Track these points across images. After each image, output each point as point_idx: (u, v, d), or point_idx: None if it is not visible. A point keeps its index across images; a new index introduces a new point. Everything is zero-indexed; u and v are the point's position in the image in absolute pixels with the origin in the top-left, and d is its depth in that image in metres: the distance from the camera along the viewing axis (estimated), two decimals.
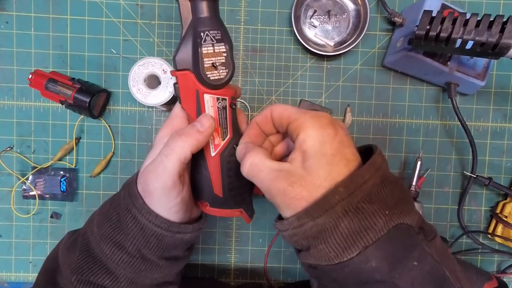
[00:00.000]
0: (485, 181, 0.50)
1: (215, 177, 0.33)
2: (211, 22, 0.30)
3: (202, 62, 0.30)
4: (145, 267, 0.33)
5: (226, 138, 0.32)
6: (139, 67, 0.44)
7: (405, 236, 0.26)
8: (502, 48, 0.37)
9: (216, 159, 0.32)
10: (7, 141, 0.51)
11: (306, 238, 0.27)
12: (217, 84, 0.31)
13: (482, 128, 0.53)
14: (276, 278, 0.54)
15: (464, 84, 0.48)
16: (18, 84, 0.51)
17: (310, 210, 0.26)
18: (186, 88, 0.31)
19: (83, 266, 0.32)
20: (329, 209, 0.25)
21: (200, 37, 0.30)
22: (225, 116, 0.32)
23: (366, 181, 0.26)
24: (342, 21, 0.50)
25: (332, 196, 0.25)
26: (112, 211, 0.33)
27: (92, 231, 0.33)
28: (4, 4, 0.50)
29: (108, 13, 0.50)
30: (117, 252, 0.32)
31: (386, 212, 0.25)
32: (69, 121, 0.51)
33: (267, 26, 0.51)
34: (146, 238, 0.32)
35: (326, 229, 0.26)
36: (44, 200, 0.52)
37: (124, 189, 0.34)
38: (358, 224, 0.25)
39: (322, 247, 0.26)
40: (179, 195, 0.31)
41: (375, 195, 0.26)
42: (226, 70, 0.31)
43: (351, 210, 0.25)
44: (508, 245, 0.52)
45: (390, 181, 0.28)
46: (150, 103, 0.44)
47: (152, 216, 0.31)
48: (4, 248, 0.52)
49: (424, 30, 0.39)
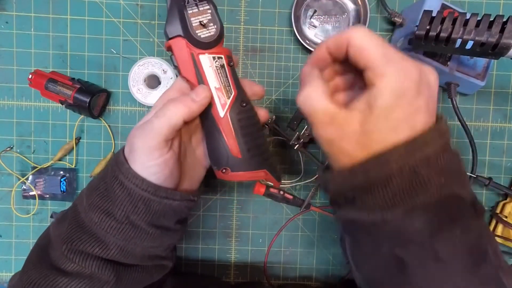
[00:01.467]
0: (485, 181, 0.50)
1: (230, 137, 0.33)
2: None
3: (190, 22, 0.31)
4: (135, 234, 0.32)
5: (231, 96, 0.33)
6: (139, 67, 0.44)
7: (454, 207, 0.25)
8: (502, 48, 0.37)
9: (226, 119, 0.32)
10: (7, 141, 0.51)
11: (353, 189, 0.26)
12: (209, 42, 0.32)
13: (482, 128, 0.53)
14: (276, 278, 0.54)
15: (464, 84, 0.48)
16: (18, 84, 0.51)
17: (365, 164, 0.25)
18: (181, 54, 0.32)
19: (73, 236, 0.32)
20: (385, 165, 0.24)
21: (183, 1, 0.31)
22: (225, 75, 0.33)
23: (428, 144, 0.25)
24: (342, 21, 0.50)
25: (390, 153, 0.24)
26: (100, 181, 0.34)
27: (81, 203, 0.34)
28: (4, 4, 0.50)
29: (108, 13, 0.50)
30: (105, 219, 0.32)
31: (442, 179, 0.25)
32: (69, 121, 0.51)
33: (267, 26, 0.51)
34: (133, 203, 0.31)
35: (376, 184, 0.25)
36: (44, 200, 0.52)
37: (112, 160, 0.34)
38: (409, 184, 0.24)
39: (369, 200, 0.25)
40: (161, 157, 0.31)
41: (434, 161, 0.25)
42: (214, 26, 0.32)
43: (406, 170, 0.24)
44: (508, 245, 0.52)
45: (451, 151, 0.26)
46: (150, 103, 0.44)
47: (138, 180, 0.31)
48: (4, 248, 0.52)
49: (424, 30, 0.39)
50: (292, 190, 0.53)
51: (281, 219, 0.53)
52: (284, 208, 0.53)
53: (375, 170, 0.25)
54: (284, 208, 0.53)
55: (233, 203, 0.53)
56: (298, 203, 0.51)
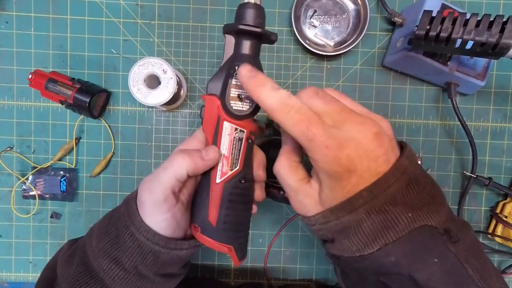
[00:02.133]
0: (485, 181, 0.50)
1: (213, 205, 0.33)
2: (248, 59, 0.32)
3: (229, 91, 0.32)
4: (141, 284, 0.33)
5: (234, 169, 0.33)
6: (139, 67, 0.44)
7: (427, 237, 0.26)
8: (502, 48, 0.37)
9: (219, 187, 0.33)
10: (7, 141, 0.51)
11: (331, 232, 0.28)
12: (238, 115, 0.32)
13: (482, 128, 0.53)
14: (276, 278, 0.54)
15: (464, 84, 0.48)
16: (18, 84, 0.51)
17: (335, 210, 0.27)
18: (209, 112, 0.33)
19: (80, 280, 0.32)
20: (353, 211, 0.26)
21: (234, 69, 0.31)
22: (239, 148, 0.33)
23: (390, 185, 0.26)
24: (342, 21, 0.50)
25: (356, 200, 0.26)
26: (111, 226, 0.34)
27: (91, 245, 0.34)
28: (4, 4, 0.50)
29: (108, 13, 0.50)
30: (114, 267, 0.32)
31: (409, 214, 0.26)
32: (69, 121, 0.51)
33: (267, 26, 0.51)
34: (143, 255, 0.32)
35: (350, 227, 0.27)
36: (44, 200, 0.52)
37: (124, 205, 0.34)
38: (380, 223, 0.26)
39: (345, 241, 0.28)
40: (169, 211, 0.32)
41: (400, 197, 0.26)
42: (250, 104, 0.32)
43: (373, 212, 0.26)
44: (508, 245, 0.52)
45: (417, 183, 0.28)
46: (150, 103, 0.44)
47: (150, 234, 0.31)
48: (4, 248, 0.52)
49: (424, 30, 0.39)
50: None
51: (281, 219, 0.53)
52: (284, 208, 0.53)
53: (345, 216, 0.27)
54: (284, 208, 0.53)
55: None
56: None
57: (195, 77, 0.51)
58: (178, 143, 0.52)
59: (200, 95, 0.52)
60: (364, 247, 0.27)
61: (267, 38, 0.32)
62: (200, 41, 0.51)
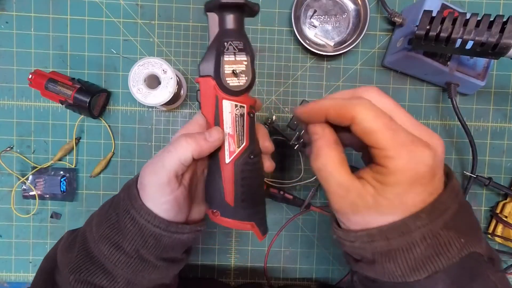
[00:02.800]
0: (485, 181, 0.50)
1: (228, 184, 0.33)
2: (235, 33, 0.31)
3: (223, 69, 0.31)
4: (143, 268, 0.33)
5: (241, 145, 0.33)
6: (139, 67, 0.44)
7: (475, 265, 0.25)
8: (502, 48, 0.37)
9: (230, 166, 0.33)
10: (7, 141, 0.51)
11: (372, 253, 0.26)
12: (236, 91, 0.32)
13: (482, 128, 0.53)
14: (276, 278, 0.54)
15: (464, 84, 0.48)
16: (18, 84, 0.51)
17: (385, 230, 0.25)
18: (206, 94, 0.32)
19: (81, 266, 0.32)
20: (407, 233, 0.24)
21: (224, 46, 0.31)
22: (242, 124, 0.33)
23: (448, 208, 0.25)
24: (342, 21, 0.50)
25: (412, 222, 0.24)
26: (112, 212, 0.34)
27: (91, 231, 0.34)
28: (4, 4, 0.50)
29: (108, 13, 0.50)
30: (115, 252, 0.32)
31: (462, 240, 0.25)
32: (69, 121, 0.51)
33: (267, 26, 0.51)
34: (144, 238, 0.32)
35: (398, 250, 0.25)
36: (44, 200, 0.52)
37: (124, 190, 0.34)
38: (432, 249, 0.24)
39: (389, 265, 0.25)
40: (172, 193, 0.31)
41: (453, 222, 0.25)
42: (246, 78, 0.32)
43: (429, 236, 0.24)
44: (508, 245, 0.52)
45: (465, 207, 0.27)
46: (150, 103, 0.44)
47: (150, 217, 0.31)
48: (4, 248, 0.52)
49: (424, 30, 0.39)
50: (292, 190, 0.53)
51: (281, 219, 0.53)
52: (284, 208, 0.53)
53: (396, 238, 0.24)
54: (284, 208, 0.53)
55: None
56: (298, 203, 0.51)
57: (195, 77, 0.51)
58: None
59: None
60: (411, 273, 0.25)
61: (250, 9, 0.32)
62: (200, 41, 0.51)
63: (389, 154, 0.24)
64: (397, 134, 0.24)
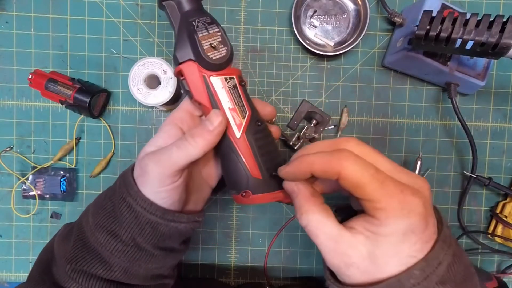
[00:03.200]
0: (485, 181, 0.50)
1: (249, 158, 0.32)
2: (197, 11, 0.32)
3: (201, 46, 0.31)
4: (140, 256, 0.32)
5: (246, 115, 0.32)
6: (139, 67, 0.44)
7: None
8: (502, 48, 0.37)
9: (243, 140, 0.32)
10: (7, 141, 0.51)
11: None
12: (221, 64, 0.32)
13: (482, 128, 0.53)
14: (276, 278, 0.54)
15: (464, 84, 0.48)
16: (18, 84, 0.51)
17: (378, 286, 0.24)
18: (193, 78, 0.32)
19: (77, 255, 0.32)
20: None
21: (192, 25, 0.31)
22: (238, 94, 0.32)
23: (441, 262, 0.24)
24: (342, 21, 0.50)
25: (406, 280, 0.24)
26: (107, 201, 0.33)
27: (87, 221, 0.33)
28: (4, 4, 0.50)
29: (108, 13, 0.50)
30: (111, 240, 0.32)
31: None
32: (69, 121, 0.51)
33: (267, 26, 0.51)
34: (140, 226, 0.31)
35: None
36: (44, 200, 0.52)
37: (120, 179, 0.34)
38: None
39: None
40: (171, 184, 0.31)
41: (447, 274, 0.25)
42: (225, 48, 0.32)
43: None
44: (508, 245, 0.52)
45: (459, 256, 0.26)
46: (150, 103, 0.44)
47: (147, 204, 0.31)
48: (4, 248, 0.52)
49: (424, 30, 0.39)
50: None
51: (281, 219, 0.53)
52: (284, 208, 0.53)
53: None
54: (284, 208, 0.53)
55: (233, 203, 0.53)
56: None
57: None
58: None
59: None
60: None
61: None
62: None
63: (380, 206, 0.24)
64: (385, 185, 0.24)
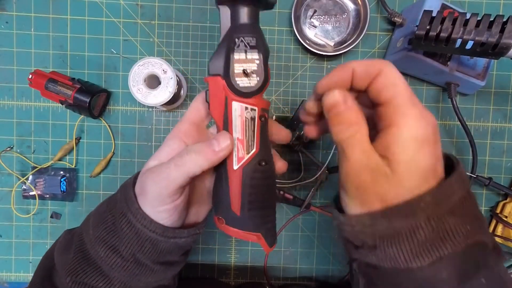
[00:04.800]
0: (485, 181, 0.50)
1: (234, 192, 0.31)
2: (247, 28, 0.29)
3: (233, 68, 0.29)
4: (140, 271, 0.33)
5: (251, 152, 0.31)
6: (139, 67, 0.44)
7: (480, 254, 0.25)
8: (502, 48, 0.37)
9: (238, 173, 0.31)
10: (7, 141, 0.51)
11: (373, 237, 0.25)
12: (246, 92, 0.30)
13: (482, 128, 0.53)
14: (276, 278, 0.54)
15: (464, 84, 0.48)
16: (18, 84, 0.51)
17: (388, 212, 0.24)
18: (215, 94, 0.30)
19: (77, 268, 0.32)
20: (411, 215, 0.24)
21: (234, 43, 0.29)
22: (252, 128, 0.30)
23: (455, 192, 0.25)
24: (342, 21, 0.50)
25: (417, 203, 0.24)
26: (108, 214, 0.33)
27: (88, 232, 0.33)
28: (4, 4, 0.50)
29: (108, 13, 0.50)
30: (111, 255, 0.32)
31: (468, 227, 0.24)
32: (69, 121, 0.51)
33: (267, 26, 0.51)
34: (140, 242, 0.31)
35: (401, 234, 0.24)
36: (44, 200, 0.52)
37: (121, 191, 0.34)
38: (437, 234, 0.24)
39: (391, 250, 0.25)
40: (172, 203, 0.31)
41: (460, 209, 0.25)
42: (257, 78, 0.30)
43: (434, 219, 0.24)
44: (508, 245, 0.52)
45: (472, 197, 0.26)
46: (150, 103, 0.44)
47: (147, 221, 0.31)
48: (4, 248, 0.52)
49: (424, 30, 0.39)
50: (292, 190, 0.53)
51: (281, 219, 0.53)
52: (284, 208, 0.53)
53: (399, 220, 0.24)
54: (284, 208, 0.53)
55: None
56: (298, 203, 0.51)
57: (195, 77, 0.51)
58: None
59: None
60: (414, 258, 0.24)
61: (265, 1, 0.29)
62: (200, 41, 0.51)
63: (404, 110, 0.25)
64: (413, 95, 0.26)
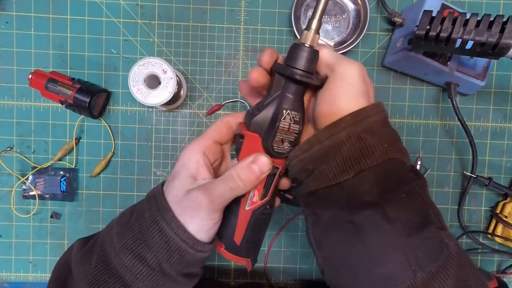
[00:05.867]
0: (485, 181, 0.50)
1: (240, 228, 0.35)
2: (295, 103, 0.32)
3: (275, 135, 0.32)
4: (163, 282, 0.32)
5: (264, 199, 0.34)
6: (139, 67, 0.44)
7: (398, 170, 0.29)
8: (502, 48, 0.37)
9: (248, 214, 0.34)
10: (7, 141, 0.51)
11: (312, 161, 0.30)
12: (276, 156, 0.32)
13: (482, 128, 0.53)
14: (276, 278, 0.54)
15: (464, 84, 0.48)
16: (18, 84, 0.51)
17: (318, 134, 0.30)
18: (250, 148, 0.33)
19: (99, 279, 0.31)
20: (335, 134, 0.29)
21: (282, 114, 0.31)
22: (271, 182, 0.34)
23: (370, 115, 0.29)
24: (342, 21, 0.50)
25: (339, 123, 0.29)
26: (134, 222, 0.33)
27: (111, 241, 0.33)
28: (4, 4, 0.50)
29: (108, 13, 0.50)
30: (137, 264, 0.31)
31: (385, 145, 0.29)
32: (69, 121, 0.51)
33: (267, 26, 0.51)
34: (169, 252, 0.31)
35: (330, 152, 0.29)
36: (44, 200, 0.52)
37: (150, 201, 0.33)
38: (358, 150, 0.28)
39: (324, 167, 0.29)
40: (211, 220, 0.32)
41: (377, 130, 0.29)
42: (290, 147, 0.33)
43: (353, 136, 0.28)
44: (508, 245, 0.52)
45: (390, 126, 0.31)
46: (150, 103, 0.44)
47: (180, 230, 0.31)
48: (4, 248, 0.52)
49: (424, 30, 0.39)
50: (292, 190, 0.53)
51: (281, 219, 0.53)
52: (284, 208, 0.53)
53: (328, 140, 0.29)
54: (284, 208, 0.53)
55: None
56: (298, 203, 0.51)
57: (195, 77, 0.51)
58: (178, 143, 0.52)
59: (199, 95, 0.52)
60: (341, 172, 0.28)
61: (314, 86, 0.32)
62: (200, 41, 0.51)
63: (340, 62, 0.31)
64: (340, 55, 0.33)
